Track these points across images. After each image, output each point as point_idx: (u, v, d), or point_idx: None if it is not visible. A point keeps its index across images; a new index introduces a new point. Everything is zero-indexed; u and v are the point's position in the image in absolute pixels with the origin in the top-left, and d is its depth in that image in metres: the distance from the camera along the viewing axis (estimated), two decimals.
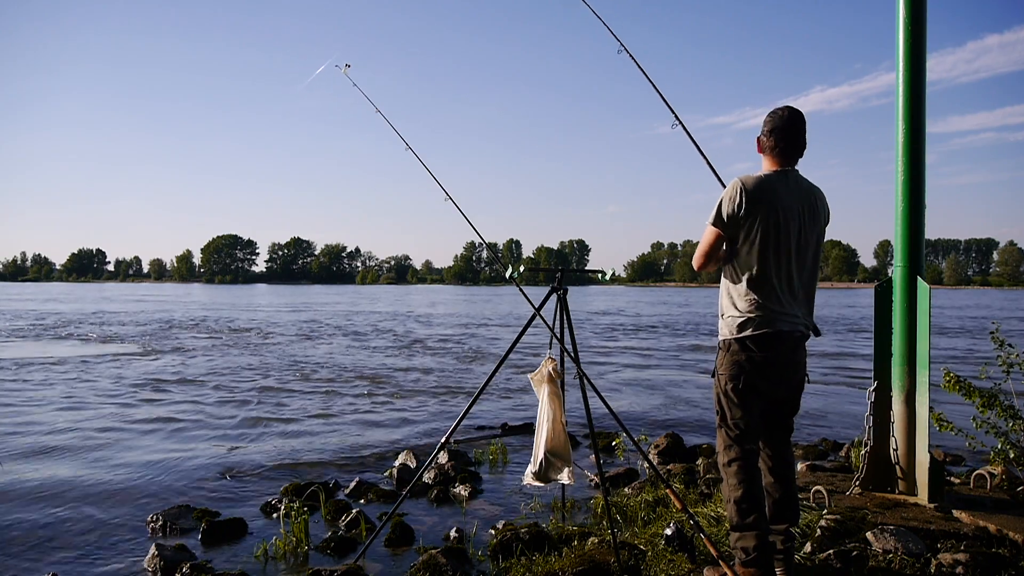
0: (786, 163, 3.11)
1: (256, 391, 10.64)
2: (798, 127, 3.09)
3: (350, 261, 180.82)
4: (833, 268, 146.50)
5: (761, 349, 3.01)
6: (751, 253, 3.01)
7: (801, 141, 3.11)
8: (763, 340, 3.01)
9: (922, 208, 4.29)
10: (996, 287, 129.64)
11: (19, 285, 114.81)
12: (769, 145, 3.10)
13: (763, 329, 3.00)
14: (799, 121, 3.09)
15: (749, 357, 3.02)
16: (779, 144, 3.08)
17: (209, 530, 4.56)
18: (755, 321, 3.00)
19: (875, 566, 3.43)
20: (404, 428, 8.09)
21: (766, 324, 3.00)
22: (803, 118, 3.11)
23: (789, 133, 3.08)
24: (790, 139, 3.08)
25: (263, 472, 6.16)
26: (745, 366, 3.02)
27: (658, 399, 10.33)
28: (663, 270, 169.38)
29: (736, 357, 3.04)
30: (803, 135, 3.11)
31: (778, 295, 3.03)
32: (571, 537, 4.08)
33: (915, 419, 4.22)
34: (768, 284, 3.01)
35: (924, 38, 4.26)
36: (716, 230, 3.06)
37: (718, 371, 3.12)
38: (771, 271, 3.01)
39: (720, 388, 3.10)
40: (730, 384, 3.05)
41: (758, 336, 3.00)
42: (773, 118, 3.10)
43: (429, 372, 13.07)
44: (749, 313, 3.01)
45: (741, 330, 3.02)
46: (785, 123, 3.08)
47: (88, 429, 7.83)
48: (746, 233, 3.00)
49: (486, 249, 4.79)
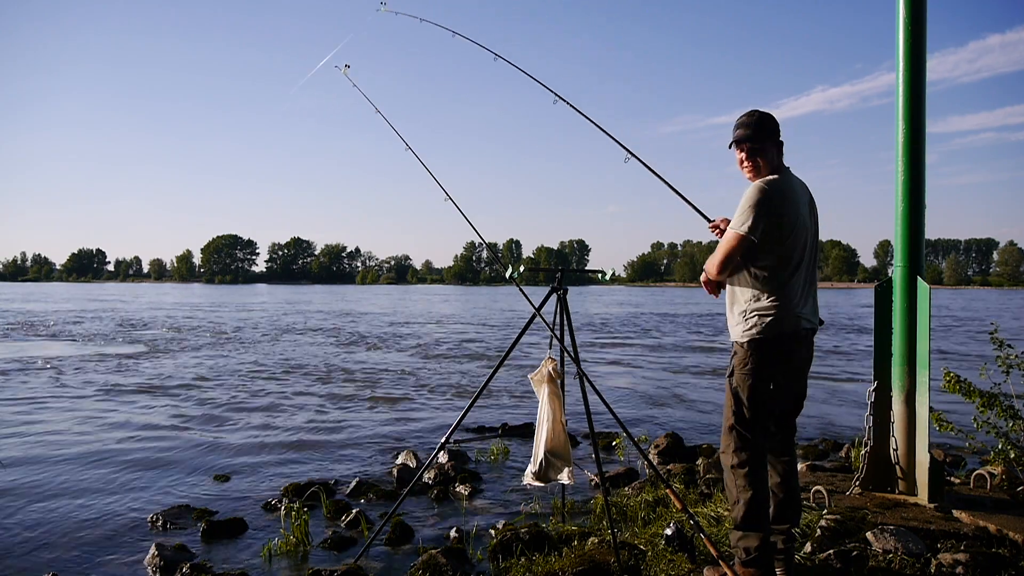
0: (782, 164, 3.17)
1: (256, 391, 10.64)
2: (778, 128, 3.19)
3: (350, 261, 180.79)
4: (833, 268, 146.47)
5: (788, 348, 3.02)
6: (776, 253, 3.00)
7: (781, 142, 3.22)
8: (789, 339, 3.02)
9: (922, 208, 4.30)
10: (996, 287, 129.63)
11: (19, 285, 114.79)
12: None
13: (789, 328, 3.01)
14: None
15: (777, 357, 3.01)
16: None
17: (209, 530, 4.56)
18: (782, 321, 3.00)
19: (875, 566, 3.43)
20: (404, 428, 8.09)
21: (792, 323, 3.02)
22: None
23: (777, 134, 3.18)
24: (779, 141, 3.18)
25: (263, 472, 6.16)
26: (774, 365, 3.01)
27: (658, 399, 10.33)
28: (663, 270, 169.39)
29: (764, 357, 3.01)
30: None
31: (797, 293, 3.05)
32: (571, 537, 4.08)
33: (915, 419, 4.22)
34: (788, 283, 3.03)
35: (924, 38, 4.26)
36: (746, 236, 2.96)
37: (738, 371, 3.07)
38: (790, 270, 3.03)
39: (742, 389, 3.06)
40: (759, 384, 3.01)
41: (785, 335, 3.00)
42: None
43: (429, 372, 13.07)
44: (776, 312, 3.00)
45: (770, 330, 2.98)
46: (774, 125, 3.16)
47: (88, 429, 7.83)
48: (773, 234, 2.99)
49: (486, 249, 4.80)
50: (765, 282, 3.02)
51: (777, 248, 3.00)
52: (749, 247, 2.98)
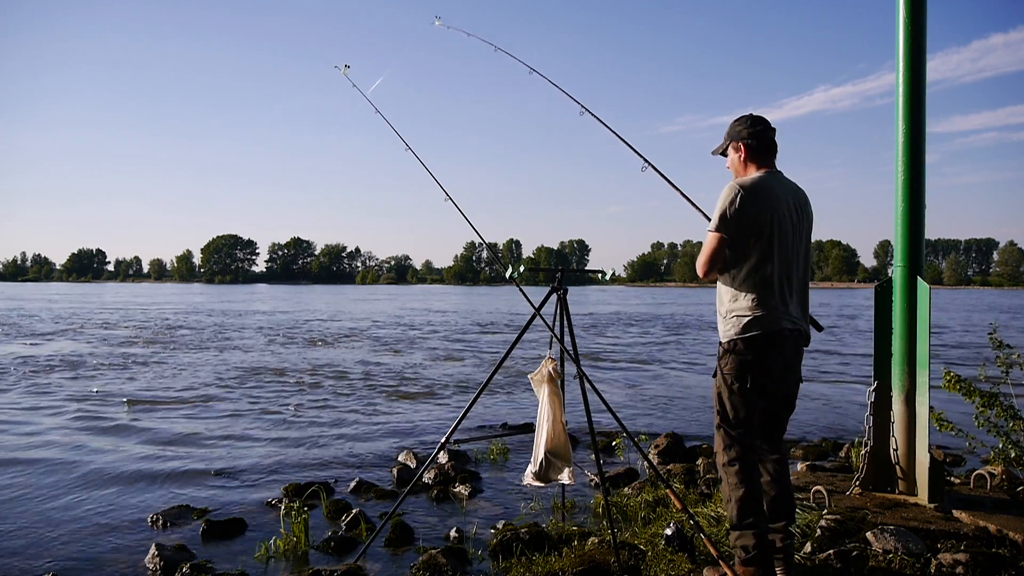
0: (771, 164, 3.20)
1: (256, 391, 10.64)
2: (771, 129, 3.21)
3: (350, 261, 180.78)
4: (833, 268, 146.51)
5: (766, 348, 3.02)
6: (753, 253, 3.03)
7: (776, 143, 3.23)
8: (767, 339, 3.02)
9: (922, 208, 4.30)
10: (996, 287, 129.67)
11: (19, 285, 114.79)
12: (755, 147, 3.17)
13: (767, 328, 3.01)
14: (769, 125, 3.22)
15: (755, 357, 3.03)
16: (763, 146, 3.18)
17: (209, 530, 4.57)
18: (759, 321, 3.01)
19: (875, 566, 3.43)
20: (404, 428, 8.09)
21: (770, 323, 3.02)
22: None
23: (767, 135, 3.19)
24: (770, 142, 3.20)
25: (263, 472, 6.16)
26: (751, 366, 3.03)
27: (658, 399, 10.33)
28: (663, 270, 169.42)
29: (742, 357, 3.04)
30: (775, 137, 3.24)
31: (779, 294, 3.05)
32: (571, 537, 4.08)
33: (915, 419, 4.22)
34: (770, 284, 3.03)
35: (924, 38, 4.26)
36: (719, 235, 3.04)
37: (722, 371, 3.11)
38: (772, 271, 3.03)
39: (724, 388, 3.10)
40: (736, 384, 3.05)
41: (763, 335, 3.01)
42: (747, 125, 3.20)
43: (429, 372, 13.07)
44: (753, 313, 3.02)
45: (746, 330, 3.02)
46: (762, 127, 3.18)
47: (87, 429, 7.83)
48: (748, 234, 3.02)
49: (486, 249, 4.80)
50: (742, 282, 3.05)
51: (752, 248, 3.02)
52: (721, 244, 3.05)
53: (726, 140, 3.29)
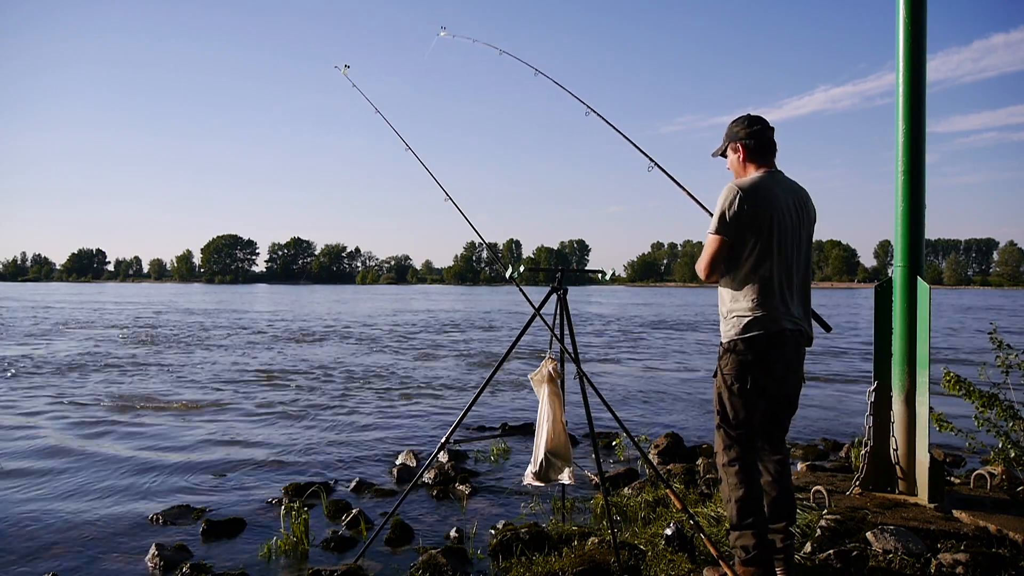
0: (771, 164, 3.19)
1: (255, 391, 10.64)
2: (769, 129, 3.21)
3: (350, 261, 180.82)
4: (833, 268, 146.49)
5: (766, 349, 3.02)
6: (753, 254, 3.03)
7: (775, 142, 3.23)
8: (768, 340, 3.02)
9: (922, 208, 4.30)
10: (996, 287, 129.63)
11: (19, 285, 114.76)
12: (753, 148, 3.17)
13: (768, 329, 3.01)
14: (768, 124, 3.22)
15: (756, 357, 3.02)
16: (762, 146, 3.17)
17: (209, 529, 4.57)
18: (760, 321, 3.01)
19: (875, 566, 3.43)
20: (404, 428, 8.09)
21: (771, 323, 3.02)
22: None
23: (766, 135, 3.18)
24: (769, 141, 3.19)
25: (263, 471, 6.16)
26: (751, 366, 3.03)
27: (658, 399, 10.33)
28: (663, 270, 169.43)
29: (742, 357, 3.03)
30: (774, 136, 3.24)
31: (780, 295, 3.05)
32: (571, 537, 4.08)
33: (915, 419, 4.22)
34: (770, 284, 3.03)
35: (924, 38, 4.26)
36: (720, 237, 3.04)
37: (722, 371, 3.11)
38: (772, 271, 3.03)
39: (724, 388, 3.10)
40: (736, 384, 3.05)
41: (763, 336, 3.01)
42: (745, 126, 3.19)
43: (429, 372, 13.07)
44: (753, 313, 3.02)
45: (747, 330, 3.02)
46: (760, 126, 3.18)
47: (87, 429, 7.83)
48: (748, 235, 3.02)
49: (486, 249, 4.80)
50: (742, 283, 3.05)
51: (752, 249, 3.02)
52: (722, 245, 3.05)
53: (725, 141, 3.29)
